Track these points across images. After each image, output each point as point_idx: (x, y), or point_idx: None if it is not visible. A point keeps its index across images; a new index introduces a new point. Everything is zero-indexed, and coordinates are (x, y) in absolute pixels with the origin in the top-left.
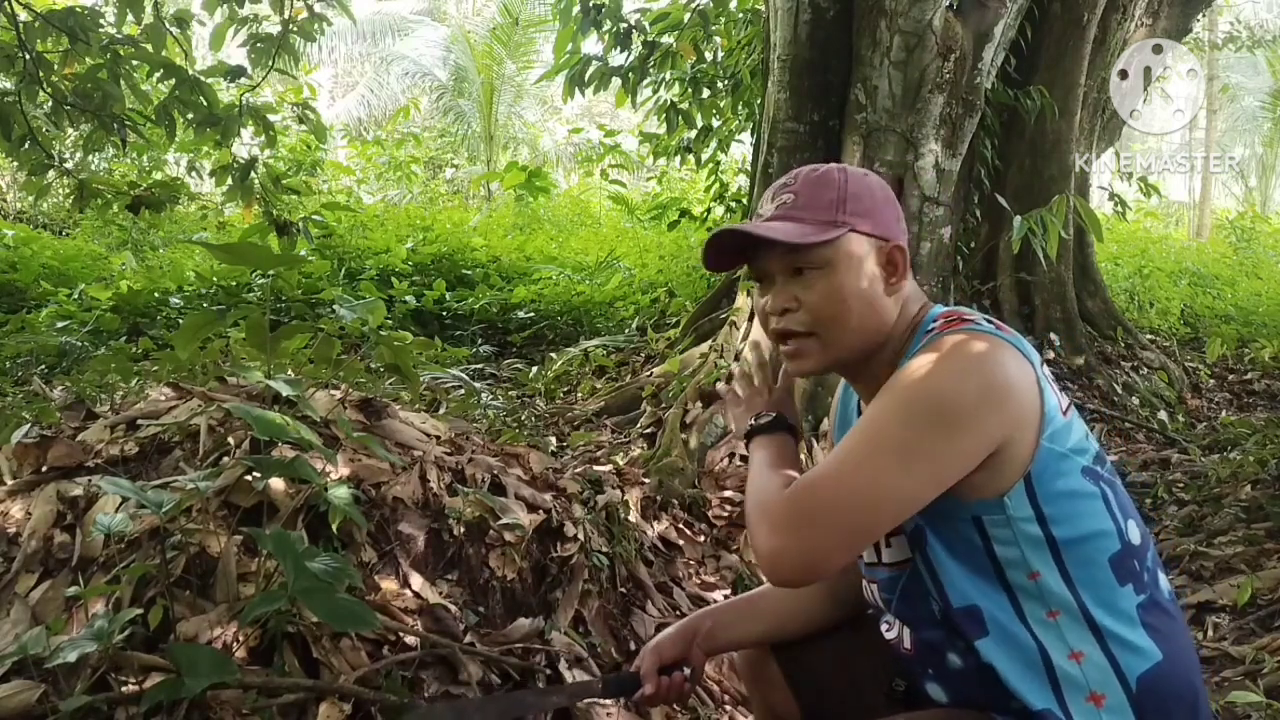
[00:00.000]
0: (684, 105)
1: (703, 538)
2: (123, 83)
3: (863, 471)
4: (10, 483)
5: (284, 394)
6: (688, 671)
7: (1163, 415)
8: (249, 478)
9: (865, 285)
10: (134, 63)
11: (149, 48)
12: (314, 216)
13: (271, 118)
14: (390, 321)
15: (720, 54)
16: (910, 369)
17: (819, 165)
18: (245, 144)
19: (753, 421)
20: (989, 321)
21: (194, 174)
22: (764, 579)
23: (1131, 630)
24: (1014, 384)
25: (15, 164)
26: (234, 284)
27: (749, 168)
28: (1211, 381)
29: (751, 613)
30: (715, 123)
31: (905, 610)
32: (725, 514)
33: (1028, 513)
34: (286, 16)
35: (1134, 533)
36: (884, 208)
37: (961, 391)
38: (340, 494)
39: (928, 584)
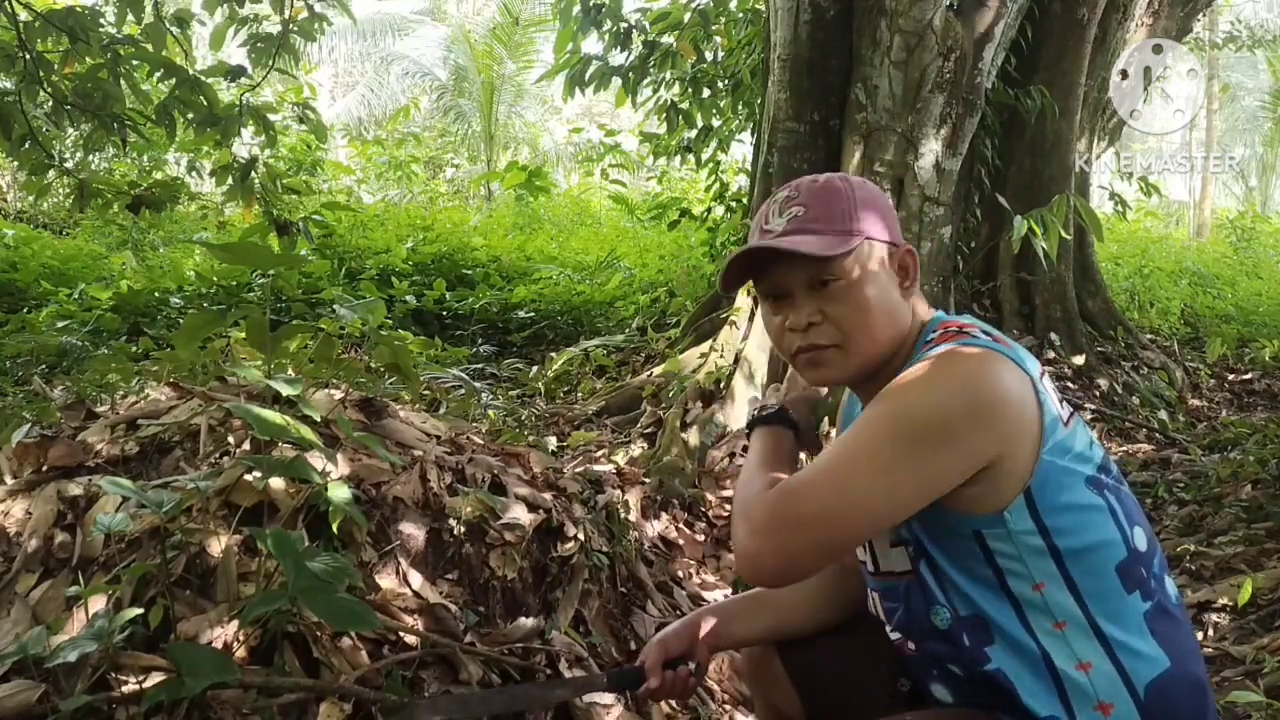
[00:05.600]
0: (684, 105)
1: (702, 537)
2: (123, 82)
3: (843, 483)
4: (11, 482)
5: (284, 394)
6: (692, 666)
7: (1163, 415)
8: (249, 477)
9: (884, 293)
10: (134, 62)
11: (149, 47)
12: (314, 216)
13: (271, 117)
14: (390, 321)
15: (720, 54)
16: (901, 382)
17: (816, 175)
18: (245, 144)
19: (755, 412)
20: (986, 334)
21: (194, 174)
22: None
23: (1140, 638)
24: (1009, 399)
25: (15, 164)
26: (234, 284)
27: (749, 168)
28: (1212, 381)
29: (756, 610)
30: (715, 122)
31: (908, 622)
32: (725, 513)
33: (1029, 526)
34: (286, 16)
35: (1140, 539)
36: (889, 213)
37: (949, 408)
38: (340, 494)
39: (935, 592)
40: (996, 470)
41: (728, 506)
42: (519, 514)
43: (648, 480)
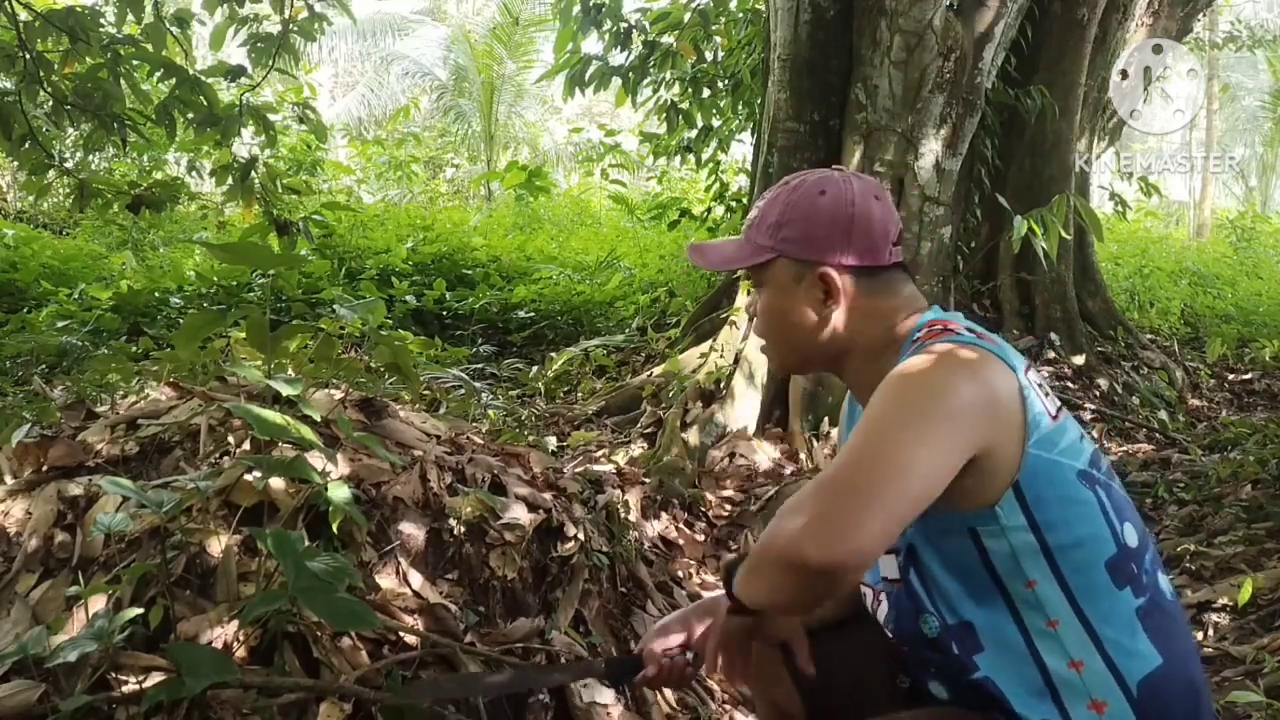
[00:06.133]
0: (684, 105)
1: (702, 537)
2: (123, 82)
3: (882, 450)
4: (11, 482)
5: (284, 394)
6: (690, 656)
7: (1163, 415)
8: (249, 477)
9: (791, 309)
10: (134, 62)
11: (149, 47)
12: (314, 216)
13: (271, 117)
14: (390, 321)
15: (720, 54)
16: (899, 371)
17: (801, 175)
18: (245, 144)
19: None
20: (970, 330)
21: (194, 174)
22: (800, 581)
23: (1131, 635)
24: (997, 392)
25: (15, 164)
26: (234, 284)
27: (749, 167)
28: (1212, 381)
29: None
30: (715, 122)
31: (899, 628)
32: (725, 513)
33: (1020, 521)
34: (286, 16)
35: (1131, 535)
36: (830, 230)
37: (954, 388)
38: (340, 494)
39: (923, 601)
40: (986, 463)
41: (728, 506)
42: (519, 514)
43: (648, 480)
